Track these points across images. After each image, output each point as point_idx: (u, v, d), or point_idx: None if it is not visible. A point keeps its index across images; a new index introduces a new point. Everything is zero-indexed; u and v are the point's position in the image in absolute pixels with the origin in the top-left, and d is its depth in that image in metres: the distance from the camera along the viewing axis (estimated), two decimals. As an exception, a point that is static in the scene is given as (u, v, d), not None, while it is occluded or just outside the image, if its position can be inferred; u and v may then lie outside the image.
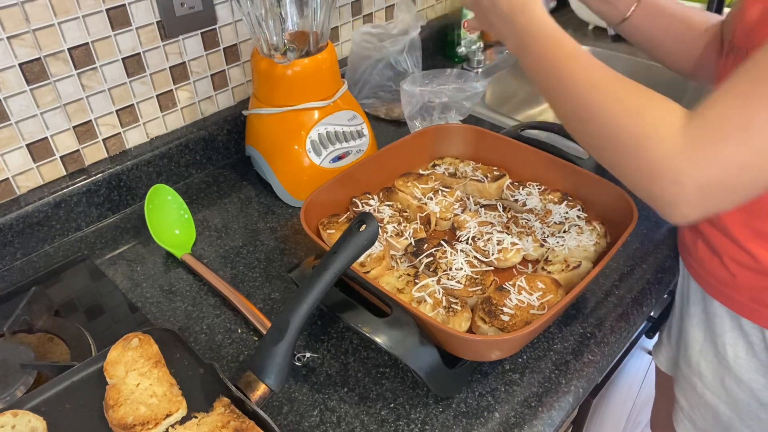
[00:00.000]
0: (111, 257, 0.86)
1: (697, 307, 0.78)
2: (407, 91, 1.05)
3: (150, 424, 0.56)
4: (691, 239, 0.76)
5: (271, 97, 0.91)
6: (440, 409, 0.65)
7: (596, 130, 0.56)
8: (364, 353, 0.71)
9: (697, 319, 0.78)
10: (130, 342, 0.63)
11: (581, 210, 0.84)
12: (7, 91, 0.78)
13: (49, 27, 0.79)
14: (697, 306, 0.78)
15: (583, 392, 0.68)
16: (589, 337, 0.72)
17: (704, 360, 0.78)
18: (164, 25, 0.90)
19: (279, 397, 0.66)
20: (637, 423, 1.43)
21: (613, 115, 0.53)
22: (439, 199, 0.88)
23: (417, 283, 0.71)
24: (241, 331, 0.74)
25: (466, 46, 1.34)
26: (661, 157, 0.50)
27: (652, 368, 1.16)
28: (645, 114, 0.52)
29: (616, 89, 0.55)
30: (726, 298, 0.72)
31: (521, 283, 0.71)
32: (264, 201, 0.97)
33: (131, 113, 0.93)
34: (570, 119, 0.59)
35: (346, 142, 0.94)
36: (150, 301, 0.79)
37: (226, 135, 1.03)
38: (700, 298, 0.77)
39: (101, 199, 0.91)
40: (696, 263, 0.76)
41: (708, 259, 0.73)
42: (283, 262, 0.84)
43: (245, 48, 1.03)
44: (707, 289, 0.75)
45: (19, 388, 0.63)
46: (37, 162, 0.85)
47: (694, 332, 0.79)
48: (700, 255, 0.74)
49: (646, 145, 0.51)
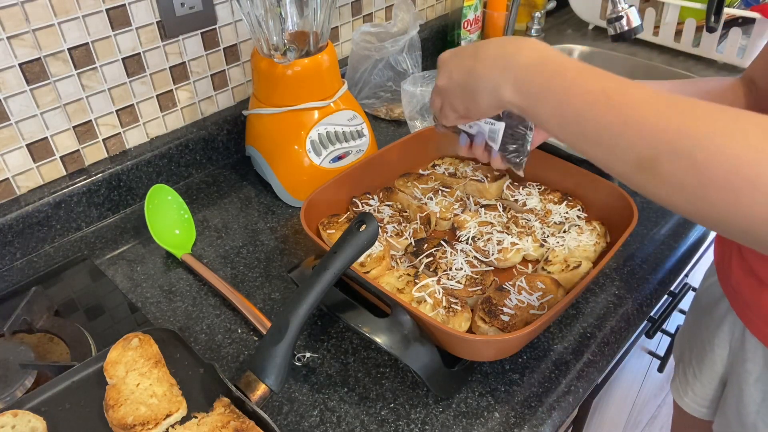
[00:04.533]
0: (111, 257, 0.86)
1: (755, 366, 0.70)
2: (407, 91, 1.05)
3: (150, 424, 0.56)
4: (752, 289, 0.66)
5: (271, 97, 0.91)
6: (440, 409, 0.65)
7: (701, 172, 0.42)
8: (364, 353, 0.71)
9: (755, 378, 0.70)
10: (130, 342, 0.63)
11: (581, 210, 0.84)
12: (7, 91, 0.78)
13: (49, 27, 0.79)
14: (756, 364, 0.70)
15: (583, 392, 0.68)
16: (589, 337, 0.72)
17: (762, 422, 0.70)
18: (164, 25, 0.90)
19: (279, 397, 0.66)
20: (637, 423, 1.43)
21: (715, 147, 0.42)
22: (439, 199, 0.88)
23: (417, 283, 0.71)
24: (241, 331, 0.74)
25: (466, 46, 1.34)
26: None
27: (653, 368, 1.15)
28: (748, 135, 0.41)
29: (707, 114, 0.43)
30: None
31: (521, 283, 0.71)
32: (264, 201, 0.97)
33: (131, 113, 0.93)
34: (647, 168, 0.45)
35: (346, 142, 0.94)
36: (150, 301, 0.79)
37: (226, 135, 1.03)
38: (761, 356, 0.69)
39: (101, 199, 0.91)
40: (760, 320, 0.67)
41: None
42: (283, 262, 0.84)
43: (245, 48, 1.03)
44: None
45: (19, 388, 0.63)
46: (37, 162, 0.85)
47: (751, 391, 0.71)
48: (767, 312, 0.66)
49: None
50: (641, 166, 0.45)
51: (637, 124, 0.45)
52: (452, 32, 1.37)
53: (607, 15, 0.99)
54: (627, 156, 0.46)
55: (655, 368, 1.10)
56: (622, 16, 0.97)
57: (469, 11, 1.32)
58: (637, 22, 0.97)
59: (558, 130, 0.52)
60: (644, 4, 1.41)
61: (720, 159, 0.41)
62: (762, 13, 1.20)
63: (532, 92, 0.53)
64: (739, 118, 0.42)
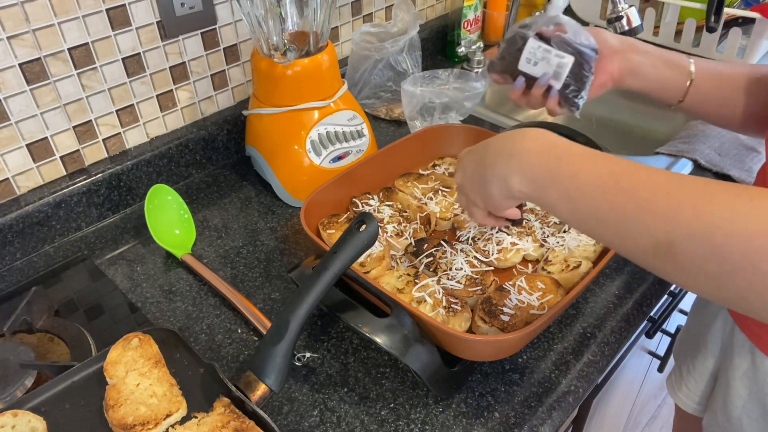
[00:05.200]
0: (111, 257, 0.86)
1: (742, 360, 0.70)
2: (407, 91, 1.05)
3: (150, 424, 0.56)
4: None
5: (271, 97, 0.91)
6: (440, 409, 0.65)
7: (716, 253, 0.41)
8: (364, 353, 0.71)
9: (741, 373, 0.71)
10: (130, 342, 0.63)
11: (581, 210, 0.84)
12: (7, 91, 0.78)
13: (49, 27, 0.78)
14: (743, 359, 0.70)
15: (583, 392, 0.68)
16: (589, 337, 0.72)
17: (748, 417, 0.71)
18: (164, 25, 0.90)
19: (279, 397, 0.66)
20: (637, 423, 1.43)
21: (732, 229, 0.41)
22: (439, 199, 0.88)
23: (417, 283, 0.71)
24: (241, 331, 0.74)
25: (466, 46, 1.34)
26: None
27: (653, 368, 1.16)
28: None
29: (722, 193, 0.43)
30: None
31: (521, 283, 0.71)
32: (264, 201, 0.97)
33: (131, 113, 0.93)
34: (664, 253, 0.44)
35: (346, 142, 0.94)
36: (150, 301, 0.79)
37: (226, 135, 1.03)
38: (747, 351, 0.69)
39: (101, 199, 0.91)
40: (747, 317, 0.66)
41: None
42: (283, 262, 0.84)
43: (245, 48, 1.03)
44: (759, 345, 0.67)
45: (19, 388, 0.63)
46: (37, 162, 0.85)
47: (737, 386, 0.71)
48: None
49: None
50: (657, 251, 0.44)
51: (650, 208, 0.44)
52: (452, 32, 1.37)
53: (607, 15, 0.99)
54: (642, 241, 0.45)
55: (655, 368, 1.10)
56: (622, 16, 0.97)
57: (469, 11, 1.32)
58: (637, 22, 0.97)
59: (569, 216, 0.52)
60: (644, 4, 1.41)
61: (739, 241, 0.40)
62: (762, 13, 1.20)
63: (539, 180, 0.54)
64: (754, 197, 0.41)
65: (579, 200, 0.50)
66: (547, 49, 0.73)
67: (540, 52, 0.74)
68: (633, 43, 0.77)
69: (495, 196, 0.60)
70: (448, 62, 1.39)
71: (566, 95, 0.74)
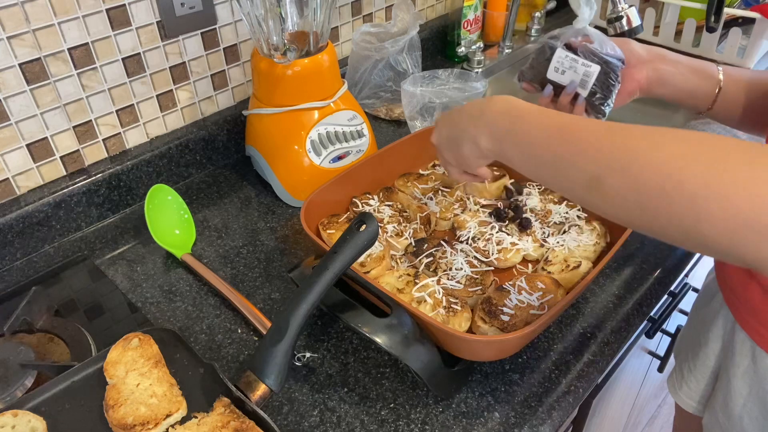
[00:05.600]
0: (111, 257, 0.86)
1: (743, 359, 0.71)
2: (407, 91, 1.05)
3: (150, 424, 0.56)
4: (742, 283, 0.68)
5: (271, 97, 0.91)
6: (440, 409, 0.65)
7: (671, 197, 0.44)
8: (364, 353, 0.71)
9: (742, 371, 0.71)
10: (130, 342, 0.63)
11: (581, 210, 0.84)
12: (7, 91, 0.78)
13: (49, 27, 0.78)
14: (744, 357, 0.71)
15: (583, 392, 0.68)
16: (589, 337, 0.72)
17: (748, 416, 0.71)
18: (164, 25, 0.90)
19: (279, 397, 0.66)
20: (637, 423, 1.43)
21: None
22: (439, 199, 0.88)
23: (417, 283, 0.71)
24: (241, 331, 0.74)
25: (466, 46, 1.34)
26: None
27: (653, 368, 1.16)
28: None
29: (641, 133, 0.48)
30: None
31: (521, 283, 0.71)
32: (264, 201, 0.97)
33: (131, 113, 0.93)
34: (595, 188, 0.49)
35: (346, 142, 0.94)
36: (150, 301, 0.79)
37: (226, 135, 1.03)
38: (748, 349, 0.70)
39: (101, 199, 0.91)
40: (748, 313, 0.69)
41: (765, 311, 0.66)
42: (283, 262, 0.84)
43: (245, 48, 1.03)
44: (760, 343, 0.68)
45: (19, 388, 0.63)
46: (37, 162, 0.85)
47: (738, 385, 0.72)
48: (754, 305, 0.67)
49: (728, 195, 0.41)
50: (590, 186, 0.50)
51: (584, 149, 0.51)
52: (452, 32, 1.37)
53: (607, 15, 0.99)
54: (578, 179, 0.51)
55: (655, 368, 1.10)
56: (622, 16, 0.97)
57: (469, 11, 1.32)
58: (637, 22, 0.97)
59: (524, 166, 0.58)
60: (644, 4, 1.41)
61: (651, 169, 0.45)
62: (762, 13, 1.20)
63: (501, 137, 0.60)
64: (666, 133, 0.46)
65: (529, 149, 0.57)
66: (575, 58, 0.76)
67: (567, 61, 0.77)
68: (661, 53, 0.80)
69: (467, 156, 0.65)
70: (448, 62, 1.39)
71: (593, 103, 0.77)
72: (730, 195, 0.41)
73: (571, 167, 0.52)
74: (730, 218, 0.41)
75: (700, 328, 0.81)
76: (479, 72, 1.34)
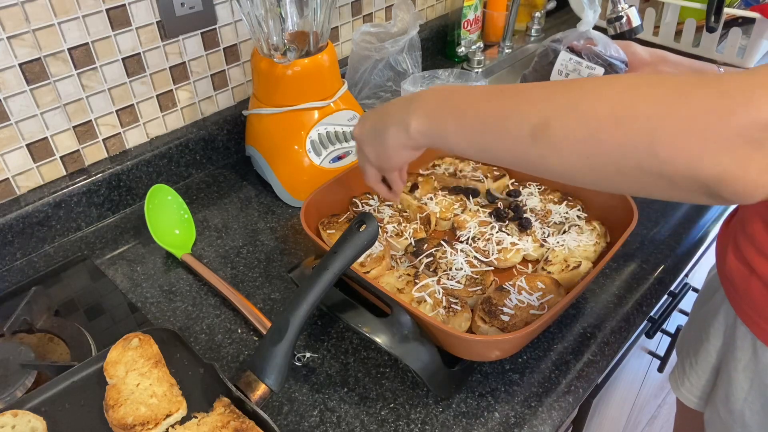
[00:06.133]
0: (111, 257, 0.86)
1: (744, 353, 0.71)
2: (407, 91, 1.05)
3: (150, 424, 0.56)
4: (743, 278, 0.68)
5: (271, 97, 0.91)
6: (440, 409, 0.65)
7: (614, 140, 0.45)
8: (364, 353, 0.71)
9: (743, 365, 0.71)
10: (130, 342, 0.63)
11: (581, 210, 0.84)
12: (7, 91, 0.78)
13: (49, 27, 0.78)
14: (745, 352, 0.71)
15: (583, 392, 0.68)
16: (589, 337, 0.72)
17: (749, 410, 0.71)
18: (164, 25, 0.90)
19: (279, 397, 0.66)
20: (637, 423, 1.43)
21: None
22: (439, 199, 0.88)
23: (417, 283, 0.71)
24: (241, 331, 0.74)
25: (466, 46, 1.34)
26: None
27: (653, 368, 1.16)
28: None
29: (585, 78, 0.51)
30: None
31: (521, 283, 0.71)
32: (264, 201, 0.97)
33: (131, 113, 0.93)
34: (541, 136, 0.49)
35: (346, 142, 0.94)
36: (150, 301, 0.79)
37: (226, 135, 1.03)
38: (749, 343, 0.70)
39: (101, 199, 0.91)
40: (749, 307, 0.68)
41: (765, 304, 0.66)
42: (283, 262, 0.84)
43: (245, 48, 1.03)
44: (761, 336, 0.67)
45: (19, 388, 0.63)
46: (37, 162, 0.85)
47: (740, 379, 0.72)
48: (755, 299, 0.67)
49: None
50: (536, 134, 0.49)
51: (527, 98, 0.50)
52: (452, 32, 1.37)
53: (607, 15, 0.99)
54: (523, 130, 0.49)
55: (655, 368, 1.10)
56: (622, 16, 0.97)
57: (469, 11, 1.32)
58: (637, 22, 0.97)
59: (459, 135, 0.56)
60: (644, 4, 1.41)
61: (603, 100, 0.45)
62: (762, 13, 1.20)
63: (434, 109, 0.58)
64: (618, 76, 0.48)
65: (466, 114, 0.55)
66: (578, 61, 0.77)
67: (571, 64, 0.78)
68: (663, 55, 0.81)
69: (390, 146, 0.63)
70: (448, 62, 1.39)
71: None
72: (683, 112, 0.41)
73: (514, 119, 0.50)
74: (685, 134, 0.41)
75: (702, 324, 0.81)
76: (479, 72, 1.34)
